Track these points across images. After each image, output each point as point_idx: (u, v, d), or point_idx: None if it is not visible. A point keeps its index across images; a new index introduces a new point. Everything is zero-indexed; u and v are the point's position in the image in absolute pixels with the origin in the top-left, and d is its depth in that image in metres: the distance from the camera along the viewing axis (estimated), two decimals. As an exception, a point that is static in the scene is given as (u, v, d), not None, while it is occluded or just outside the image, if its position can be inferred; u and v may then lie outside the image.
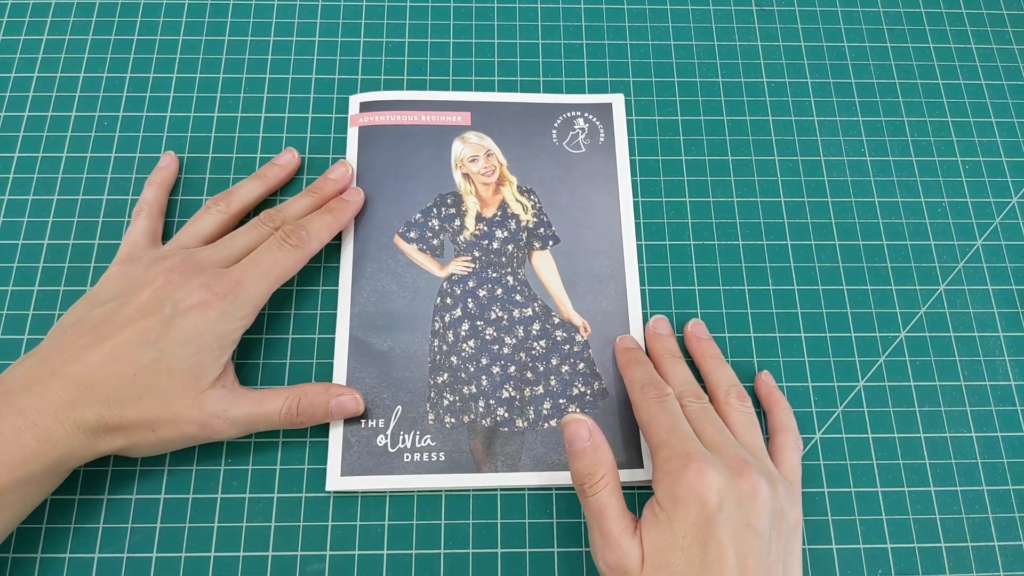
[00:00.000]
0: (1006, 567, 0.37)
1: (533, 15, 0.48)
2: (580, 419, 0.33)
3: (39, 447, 0.30)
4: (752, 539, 0.30)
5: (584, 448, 0.32)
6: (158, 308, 0.33)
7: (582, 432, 0.33)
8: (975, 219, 0.44)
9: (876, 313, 0.42)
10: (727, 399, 0.37)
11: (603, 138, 0.45)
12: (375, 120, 0.44)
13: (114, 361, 0.32)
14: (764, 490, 0.31)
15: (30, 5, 0.47)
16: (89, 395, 0.31)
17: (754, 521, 0.31)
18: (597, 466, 0.32)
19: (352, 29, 0.47)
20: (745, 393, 0.37)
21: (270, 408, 0.35)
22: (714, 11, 0.49)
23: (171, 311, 0.33)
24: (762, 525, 0.31)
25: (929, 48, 0.48)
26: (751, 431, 0.36)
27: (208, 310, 0.33)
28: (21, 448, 0.30)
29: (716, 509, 0.30)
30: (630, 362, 0.38)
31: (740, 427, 0.36)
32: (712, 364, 0.38)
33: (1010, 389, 0.40)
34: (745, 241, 0.43)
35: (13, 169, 0.43)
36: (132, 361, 0.32)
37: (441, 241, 0.42)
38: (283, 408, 0.35)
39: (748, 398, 0.37)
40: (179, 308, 0.33)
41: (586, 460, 0.32)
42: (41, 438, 0.30)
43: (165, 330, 0.33)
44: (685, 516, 0.30)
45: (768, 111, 0.46)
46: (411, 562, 0.36)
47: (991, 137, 0.46)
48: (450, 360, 0.39)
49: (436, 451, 0.38)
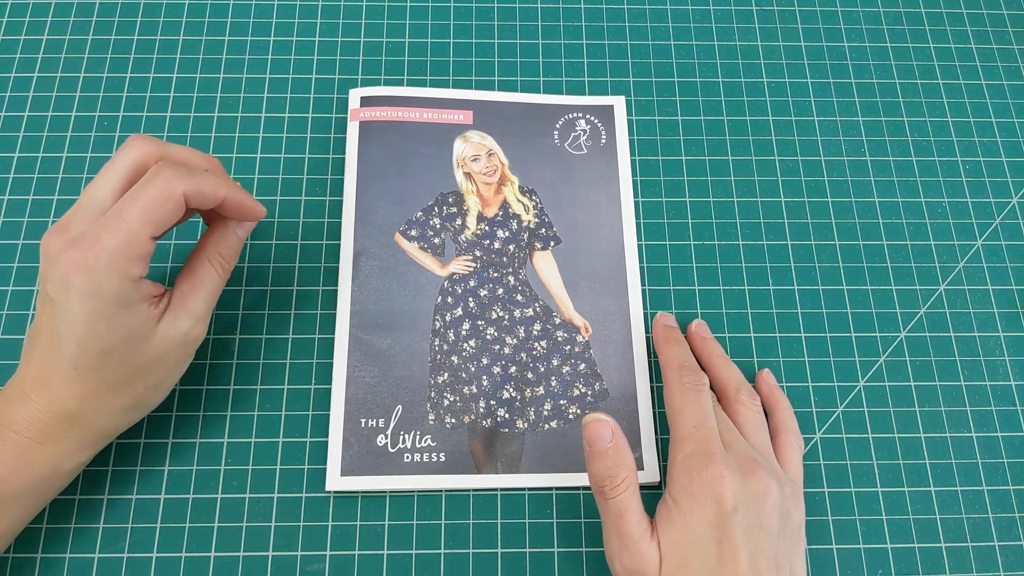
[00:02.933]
0: (1006, 567, 0.37)
1: (533, 15, 0.48)
2: (603, 419, 0.32)
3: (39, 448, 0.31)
4: (763, 539, 0.30)
5: (606, 449, 0.32)
6: (43, 293, 0.31)
7: (604, 433, 0.32)
8: (975, 219, 0.44)
9: (876, 313, 0.42)
10: (738, 397, 0.37)
11: (604, 140, 0.44)
12: (376, 116, 0.44)
13: (49, 358, 0.31)
14: (774, 490, 0.31)
15: (30, 5, 0.47)
16: (56, 394, 0.31)
17: (765, 521, 0.31)
18: (619, 468, 0.31)
19: (352, 29, 0.47)
20: (754, 392, 0.38)
21: (207, 282, 0.33)
22: (714, 11, 0.49)
23: (49, 294, 0.30)
24: (772, 525, 0.31)
25: (929, 48, 0.48)
26: (760, 431, 0.36)
27: (72, 284, 0.29)
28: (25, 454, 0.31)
29: (731, 510, 0.30)
30: (669, 340, 0.38)
31: (749, 426, 0.36)
32: (720, 363, 0.38)
33: (1010, 389, 0.40)
34: (745, 241, 0.43)
35: (13, 169, 0.43)
36: (63, 354, 0.30)
37: (442, 240, 0.42)
38: (219, 275, 0.33)
39: (757, 397, 0.37)
40: (49, 290, 0.30)
41: (608, 462, 0.32)
42: (38, 438, 0.31)
43: (56, 315, 0.30)
44: (702, 514, 0.30)
45: (768, 111, 0.46)
46: (411, 562, 0.36)
47: (991, 137, 0.46)
48: (451, 360, 0.39)
49: (436, 451, 0.37)
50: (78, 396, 0.31)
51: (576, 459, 0.38)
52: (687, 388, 0.35)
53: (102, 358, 0.30)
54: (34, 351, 0.31)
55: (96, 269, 0.29)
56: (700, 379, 0.35)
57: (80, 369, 0.30)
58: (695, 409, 0.34)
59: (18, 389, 0.31)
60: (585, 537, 0.37)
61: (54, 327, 0.30)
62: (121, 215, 0.30)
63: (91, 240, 0.29)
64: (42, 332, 0.31)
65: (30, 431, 0.31)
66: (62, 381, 0.31)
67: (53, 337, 0.30)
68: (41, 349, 0.31)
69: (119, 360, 0.31)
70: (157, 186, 0.30)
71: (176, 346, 0.32)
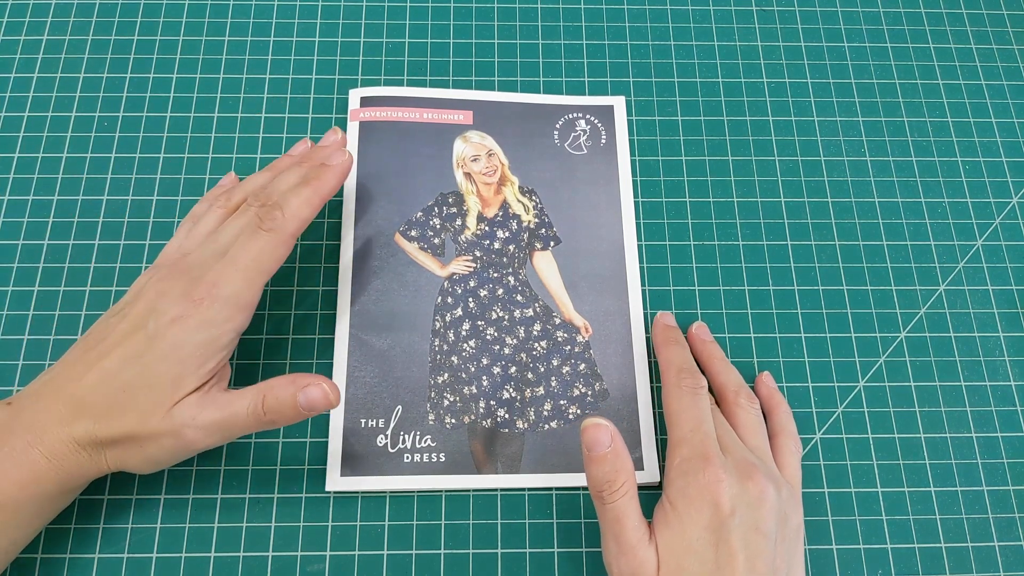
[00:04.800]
0: (1006, 567, 0.37)
1: (533, 15, 0.48)
2: (601, 423, 0.31)
3: (48, 463, 0.30)
4: (760, 542, 0.30)
5: (605, 454, 0.31)
6: (144, 322, 0.32)
7: (603, 437, 0.31)
8: (975, 219, 0.44)
9: (876, 313, 0.42)
10: (737, 400, 0.37)
11: (604, 140, 0.44)
12: (376, 116, 0.44)
13: (105, 379, 0.31)
14: (771, 494, 0.31)
15: (30, 5, 0.47)
16: (83, 412, 0.31)
17: (762, 525, 0.31)
18: (618, 473, 0.31)
19: (352, 29, 0.47)
20: (753, 395, 0.38)
21: (237, 409, 0.32)
22: (714, 11, 0.49)
23: (154, 325, 0.31)
24: (769, 528, 0.31)
25: (929, 48, 0.48)
26: (758, 434, 0.36)
27: (187, 320, 0.31)
28: (31, 464, 0.30)
29: (728, 514, 0.30)
30: (668, 341, 0.38)
31: (748, 429, 0.36)
32: (720, 366, 0.38)
33: (1010, 389, 0.40)
34: (745, 241, 0.43)
35: (13, 169, 0.43)
36: (119, 378, 0.31)
37: (442, 240, 0.42)
38: (248, 407, 0.32)
39: (756, 400, 0.37)
40: (161, 322, 0.32)
41: (606, 467, 0.31)
42: (48, 454, 0.30)
43: (149, 345, 0.31)
44: (699, 518, 0.30)
45: (768, 111, 0.46)
46: (411, 562, 0.36)
47: (991, 137, 0.46)
48: (451, 360, 0.39)
49: (436, 452, 0.37)
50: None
51: (576, 459, 0.38)
52: (685, 391, 0.35)
53: (145, 391, 0.31)
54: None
55: (210, 314, 0.32)
56: (698, 382, 0.35)
57: (125, 392, 0.31)
58: (693, 413, 0.34)
59: (51, 387, 0.31)
60: (585, 538, 0.37)
61: (135, 351, 0.31)
62: (237, 264, 0.33)
63: (209, 286, 0.32)
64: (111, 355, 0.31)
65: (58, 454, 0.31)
66: (102, 398, 0.31)
67: (127, 360, 0.31)
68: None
69: (145, 399, 0.31)
70: (264, 237, 0.33)
71: (168, 428, 0.31)
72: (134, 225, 0.42)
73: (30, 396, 0.32)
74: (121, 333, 0.32)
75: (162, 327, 0.31)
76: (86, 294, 0.40)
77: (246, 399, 0.32)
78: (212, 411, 0.32)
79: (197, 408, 0.31)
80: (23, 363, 0.39)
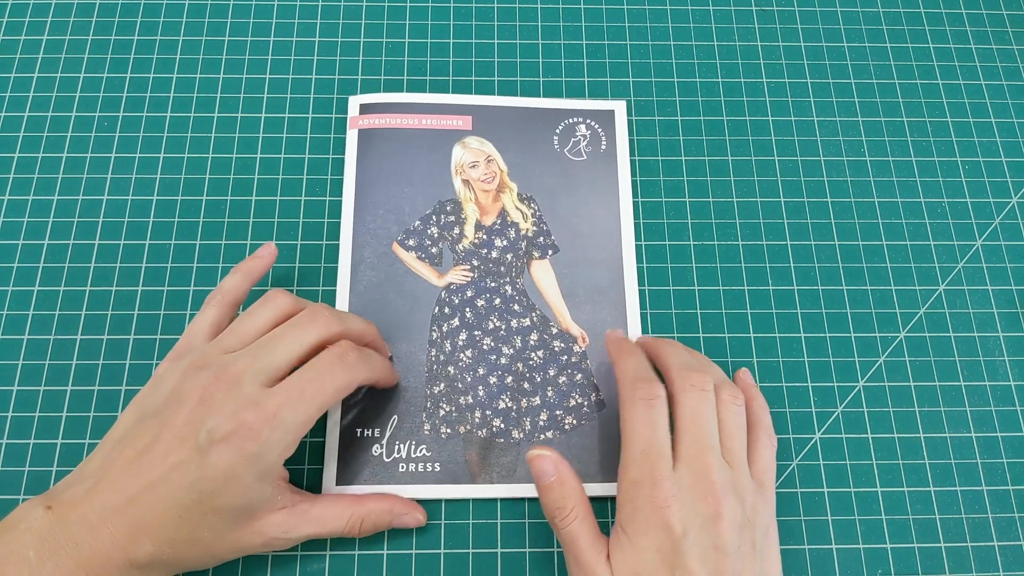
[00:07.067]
0: (1006, 567, 0.37)
1: (533, 16, 0.48)
2: (543, 454, 0.32)
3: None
4: (721, 560, 0.30)
5: (551, 483, 0.32)
6: (192, 436, 0.30)
7: (547, 468, 0.32)
8: (975, 219, 0.44)
9: (876, 313, 0.42)
10: (720, 396, 0.35)
11: (604, 146, 0.44)
12: (375, 123, 0.44)
13: (159, 501, 0.30)
14: (729, 509, 0.31)
15: (30, 5, 0.47)
16: (141, 535, 0.29)
17: (720, 542, 0.30)
18: (566, 499, 0.32)
19: (352, 29, 0.47)
20: (738, 390, 0.36)
21: (334, 527, 0.34)
22: (714, 11, 0.49)
23: (206, 442, 0.30)
24: (730, 543, 0.30)
25: (929, 48, 0.48)
26: (736, 436, 0.34)
27: (242, 447, 0.30)
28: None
29: (681, 535, 0.30)
30: (622, 351, 0.36)
31: (727, 430, 0.34)
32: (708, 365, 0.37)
33: (1010, 389, 0.40)
34: (745, 241, 0.43)
35: (13, 169, 0.43)
36: (175, 501, 0.30)
37: (440, 249, 0.42)
38: (346, 528, 0.34)
39: (741, 396, 0.35)
40: (214, 439, 0.30)
41: (554, 495, 0.32)
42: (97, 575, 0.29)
43: (201, 467, 0.30)
44: (650, 544, 0.30)
45: (768, 111, 0.46)
46: (411, 562, 0.36)
47: (991, 137, 0.46)
48: (447, 370, 0.39)
49: (431, 462, 0.37)
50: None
51: (574, 468, 0.37)
52: (639, 403, 0.33)
53: (212, 516, 0.30)
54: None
55: (267, 445, 0.30)
56: (653, 390, 0.33)
57: (185, 517, 0.30)
58: (644, 431, 0.32)
59: (98, 505, 0.29)
60: (585, 537, 0.37)
61: (186, 473, 0.30)
62: (304, 398, 0.31)
63: (269, 415, 0.30)
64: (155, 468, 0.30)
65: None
66: (160, 522, 0.30)
67: (180, 485, 0.30)
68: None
69: (216, 522, 0.31)
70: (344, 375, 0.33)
71: (258, 544, 0.32)
72: (134, 225, 0.42)
73: (73, 506, 0.30)
74: (166, 446, 0.30)
75: (215, 446, 0.30)
76: (86, 294, 0.40)
77: (342, 520, 0.34)
78: (306, 528, 0.33)
79: (289, 524, 0.33)
80: (23, 363, 0.39)
